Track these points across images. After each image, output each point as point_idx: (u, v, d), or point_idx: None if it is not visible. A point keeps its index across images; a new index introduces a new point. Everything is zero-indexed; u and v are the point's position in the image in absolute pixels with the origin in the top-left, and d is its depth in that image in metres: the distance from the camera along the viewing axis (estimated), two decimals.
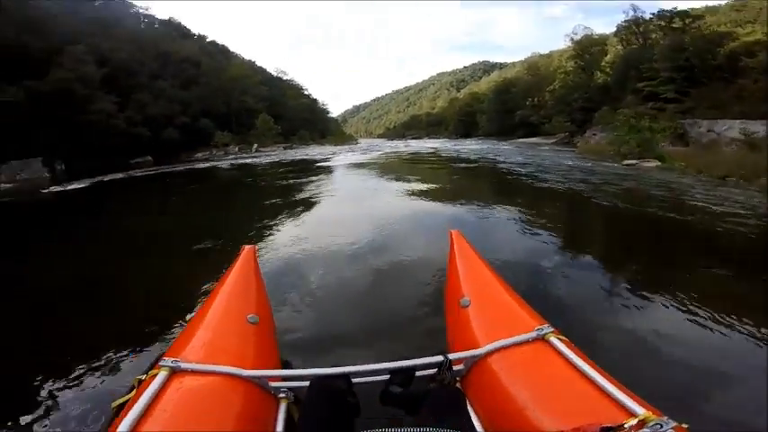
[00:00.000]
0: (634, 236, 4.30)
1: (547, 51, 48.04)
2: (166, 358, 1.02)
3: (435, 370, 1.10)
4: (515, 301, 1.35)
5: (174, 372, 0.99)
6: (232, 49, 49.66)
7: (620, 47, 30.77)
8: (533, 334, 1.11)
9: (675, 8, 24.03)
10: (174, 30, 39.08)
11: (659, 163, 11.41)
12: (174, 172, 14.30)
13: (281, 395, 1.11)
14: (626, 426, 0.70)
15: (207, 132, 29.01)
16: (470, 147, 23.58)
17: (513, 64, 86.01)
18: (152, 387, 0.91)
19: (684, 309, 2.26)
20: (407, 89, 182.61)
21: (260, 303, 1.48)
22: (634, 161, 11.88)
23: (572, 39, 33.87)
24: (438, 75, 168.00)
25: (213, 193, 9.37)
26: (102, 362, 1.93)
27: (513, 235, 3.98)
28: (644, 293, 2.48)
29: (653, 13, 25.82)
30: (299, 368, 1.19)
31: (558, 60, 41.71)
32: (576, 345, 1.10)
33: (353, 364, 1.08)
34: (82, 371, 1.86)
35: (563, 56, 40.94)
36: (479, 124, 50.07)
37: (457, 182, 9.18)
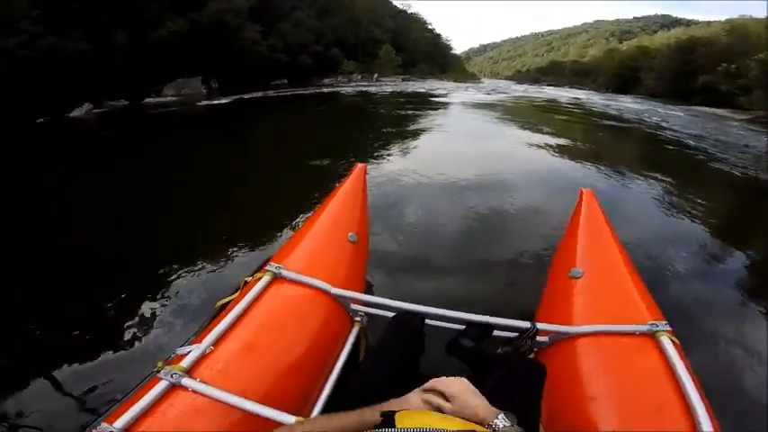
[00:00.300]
0: None
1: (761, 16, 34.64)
2: (272, 263, 1.11)
3: (515, 335, 1.02)
4: (635, 284, 1.19)
5: (276, 277, 1.08)
6: None
7: None
8: (644, 327, 0.98)
9: None
10: None
11: None
12: (305, 95, 15.42)
13: (357, 318, 1.18)
14: None
15: (336, 60, 30.02)
16: (626, 104, 19.14)
17: (709, 23, 64.33)
18: (254, 290, 1.02)
19: None
20: (550, 33, 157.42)
21: (361, 223, 1.51)
22: None
23: None
24: (595, 22, 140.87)
25: (335, 114, 9.88)
26: (221, 256, 2.13)
27: (654, 212, 3.42)
28: None
29: None
30: (379, 295, 1.20)
31: None
32: (686, 351, 0.97)
33: (431, 305, 1.05)
34: (202, 264, 2.09)
35: None
36: (643, 81, 40.47)
37: (598, 142, 7.45)
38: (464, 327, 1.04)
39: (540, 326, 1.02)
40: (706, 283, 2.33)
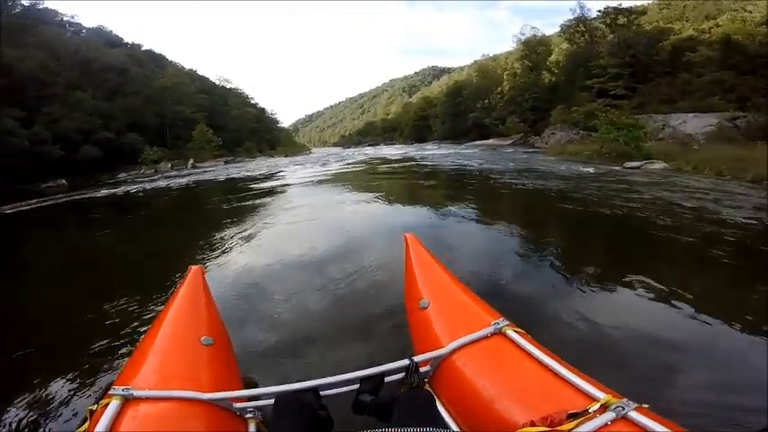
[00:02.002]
0: None
1: (492, 54, 49.21)
2: (117, 387, 0.98)
3: (404, 374, 1.10)
4: (471, 298, 1.38)
5: (128, 400, 0.96)
6: (172, 58, 46.76)
7: (564, 46, 31.64)
8: (491, 329, 1.14)
9: (620, 4, 24.65)
10: (102, 37, 35.24)
11: (666, 165, 9.81)
12: (94, 199, 11.22)
13: (249, 415, 1.08)
14: (590, 410, 0.77)
15: (134, 148, 25.57)
16: (432, 152, 22.17)
17: (462, 68, 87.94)
18: (105, 418, 0.89)
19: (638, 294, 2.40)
20: (361, 96, 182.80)
21: (213, 324, 1.42)
22: (637, 163, 10.09)
23: (519, 39, 34.51)
24: (390, 81, 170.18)
25: (145, 222, 7.47)
26: (49, 395, 1.80)
27: (471, 234, 4.12)
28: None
29: (599, 11, 26.37)
30: (264, 386, 1.12)
31: (505, 62, 42.78)
32: (533, 336, 1.14)
33: (321, 377, 1.06)
34: (22, 407, 1.73)
35: (509, 58, 42.09)
36: (433, 128, 50.16)
37: (417, 189, 8.04)
38: (358, 384, 1.07)
39: (417, 358, 1.11)
40: (530, 277, 2.79)
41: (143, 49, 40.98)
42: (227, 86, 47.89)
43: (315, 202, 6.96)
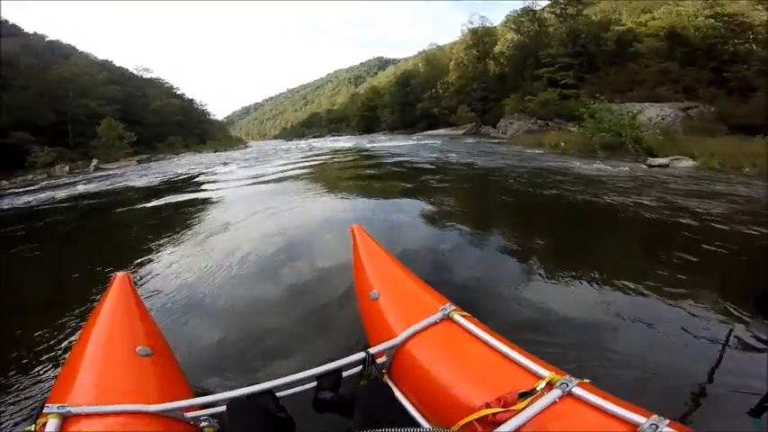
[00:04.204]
0: None
1: (440, 45, 48.11)
2: (50, 404, 0.91)
3: (361, 367, 1.10)
4: (420, 286, 1.40)
5: (66, 418, 0.89)
6: (83, 48, 40.86)
7: (509, 36, 31.44)
8: (439, 315, 1.16)
9: None
10: None
11: (693, 162, 8.17)
12: None
13: (204, 424, 1.01)
14: (538, 388, 0.81)
15: (23, 150, 20.75)
16: (389, 144, 19.79)
17: (406, 59, 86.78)
18: None
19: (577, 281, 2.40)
20: (304, 87, 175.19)
21: (149, 333, 1.33)
22: (664, 160, 8.32)
23: (468, 28, 33.89)
24: (335, 72, 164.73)
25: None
26: None
27: (417, 225, 3.91)
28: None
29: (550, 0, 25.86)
30: (217, 393, 1.05)
31: (450, 52, 42.10)
32: (480, 318, 1.17)
33: (275, 378, 1.02)
34: None
35: (454, 48, 41.47)
36: (381, 119, 48.44)
37: (365, 182, 7.30)
38: (316, 382, 1.05)
39: (372, 350, 1.11)
40: (478, 264, 2.82)
41: (48, 39, 35.23)
42: (147, 76, 41.91)
43: (259, 208, 5.24)
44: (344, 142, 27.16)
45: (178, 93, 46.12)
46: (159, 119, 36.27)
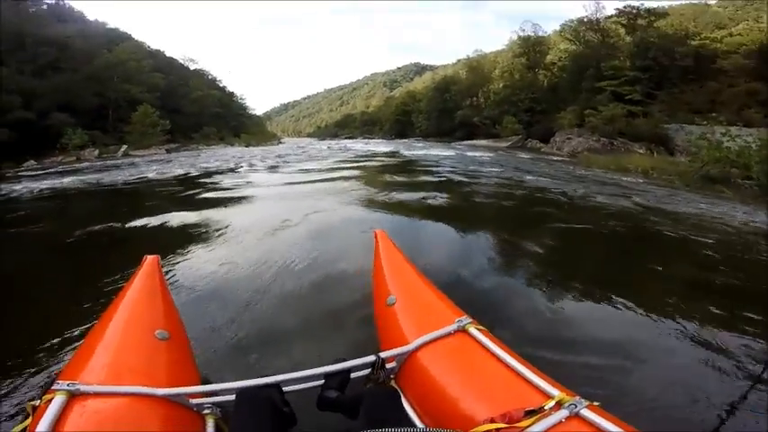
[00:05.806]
0: None
1: (484, 52, 46.23)
2: (61, 381, 0.91)
3: (370, 370, 1.09)
4: (437, 296, 1.39)
5: (74, 395, 0.89)
6: (139, 38, 41.35)
7: (563, 46, 29.33)
8: (454, 326, 1.15)
9: (642, 4, 22.33)
10: (61, 13, 30.73)
11: None
12: None
13: (206, 411, 1.02)
14: (545, 408, 0.79)
15: (59, 132, 20.90)
16: (434, 153, 17.12)
17: (445, 66, 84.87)
18: (49, 414, 0.82)
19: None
20: (341, 88, 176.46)
21: (169, 318, 1.33)
22: None
23: (519, 35, 31.97)
24: (372, 74, 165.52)
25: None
26: None
27: (442, 234, 3.95)
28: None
29: (616, 9, 23.80)
30: (224, 382, 1.05)
31: (494, 61, 40.20)
32: (495, 333, 1.15)
33: (284, 372, 1.02)
34: None
35: (498, 57, 39.58)
36: (415, 124, 47.08)
37: (393, 188, 6.65)
38: (323, 380, 1.04)
39: (383, 354, 1.10)
40: (495, 277, 2.81)
41: (108, 27, 36.08)
42: (192, 67, 42.80)
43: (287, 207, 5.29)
44: (376, 146, 25.39)
45: (220, 85, 46.71)
46: (198, 109, 36.52)
